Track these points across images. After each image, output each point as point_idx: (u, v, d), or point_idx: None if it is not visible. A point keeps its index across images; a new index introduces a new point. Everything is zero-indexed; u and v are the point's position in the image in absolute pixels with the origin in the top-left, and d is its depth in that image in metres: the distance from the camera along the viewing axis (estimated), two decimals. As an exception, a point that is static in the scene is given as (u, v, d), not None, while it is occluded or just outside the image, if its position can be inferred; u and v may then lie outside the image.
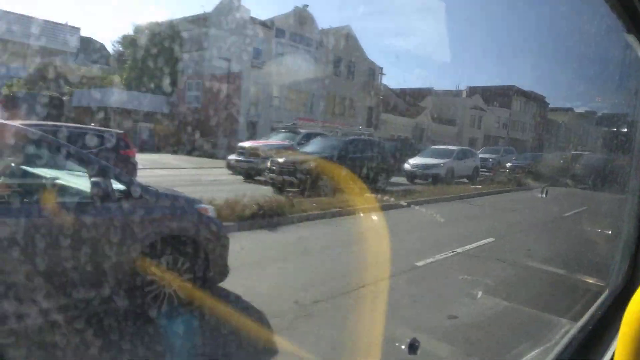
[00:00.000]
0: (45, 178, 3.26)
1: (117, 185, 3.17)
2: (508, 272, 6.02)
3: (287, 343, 3.24)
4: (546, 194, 10.24)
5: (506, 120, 50.76)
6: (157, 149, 26.17)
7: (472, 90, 48.78)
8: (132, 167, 8.68)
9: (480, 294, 4.80)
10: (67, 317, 2.79)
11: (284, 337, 3.36)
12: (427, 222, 9.41)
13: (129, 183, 3.28)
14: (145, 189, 3.35)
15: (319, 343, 3.36)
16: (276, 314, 3.78)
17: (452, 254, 6.43)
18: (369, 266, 5.22)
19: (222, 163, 16.96)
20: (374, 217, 8.39)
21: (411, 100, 46.26)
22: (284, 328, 3.53)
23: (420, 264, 5.79)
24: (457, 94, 48.24)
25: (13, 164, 3.37)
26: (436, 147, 21.06)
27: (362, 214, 8.82)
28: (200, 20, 30.57)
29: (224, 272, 3.72)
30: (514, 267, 6.33)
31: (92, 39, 42.12)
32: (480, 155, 21.69)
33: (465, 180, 18.16)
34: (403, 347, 1.50)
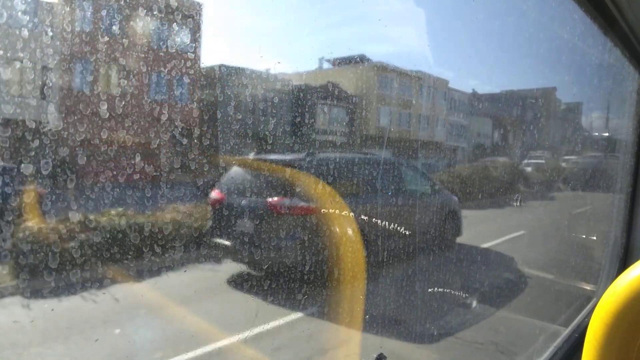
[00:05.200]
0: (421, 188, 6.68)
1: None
2: (499, 278, 6.01)
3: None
4: (520, 203, 10.46)
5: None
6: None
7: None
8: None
9: (474, 302, 4.77)
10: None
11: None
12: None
13: (436, 185, 6.81)
14: (441, 188, 6.87)
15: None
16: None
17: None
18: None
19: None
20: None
21: None
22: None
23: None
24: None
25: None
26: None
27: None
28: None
29: (461, 231, 6.53)
30: (506, 273, 6.31)
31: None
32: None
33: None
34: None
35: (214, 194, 4.97)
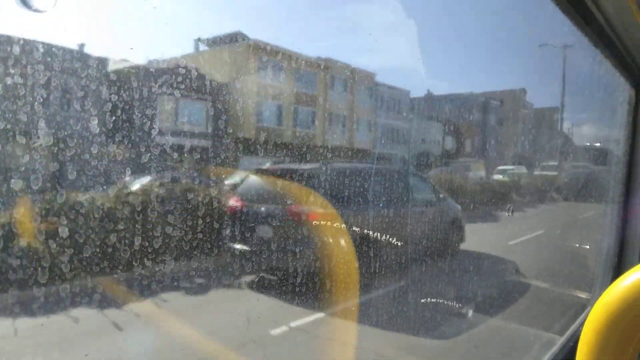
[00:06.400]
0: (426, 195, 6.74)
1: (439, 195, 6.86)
2: (495, 287, 6.00)
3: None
4: (512, 213, 10.12)
5: None
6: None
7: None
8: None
9: (470, 311, 4.76)
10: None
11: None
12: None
13: (440, 194, 6.92)
14: (445, 196, 6.94)
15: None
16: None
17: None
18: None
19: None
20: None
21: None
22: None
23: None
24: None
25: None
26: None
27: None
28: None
29: (464, 238, 6.62)
30: (502, 280, 6.31)
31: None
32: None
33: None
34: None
35: (233, 200, 5.00)
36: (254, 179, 5.19)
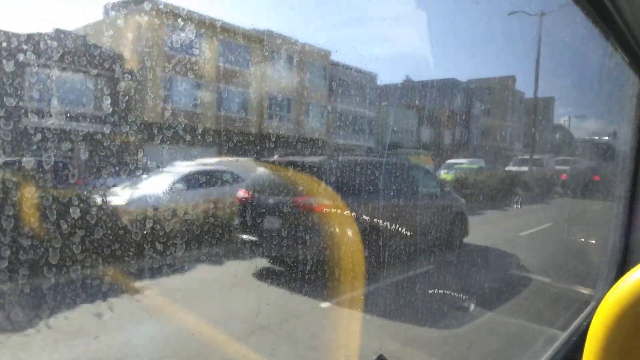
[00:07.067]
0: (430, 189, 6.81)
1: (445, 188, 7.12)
2: (498, 281, 5.99)
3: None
4: (520, 205, 10.19)
5: None
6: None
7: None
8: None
9: (472, 305, 4.76)
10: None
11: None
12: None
13: (446, 187, 7.18)
14: (450, 190, 7.20)
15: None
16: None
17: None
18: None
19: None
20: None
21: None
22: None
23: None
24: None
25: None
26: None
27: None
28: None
29: (468, 232, 6.76)
30: (504, 275, 6.30)
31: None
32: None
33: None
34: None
35: (241, 192, 5.22)
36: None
